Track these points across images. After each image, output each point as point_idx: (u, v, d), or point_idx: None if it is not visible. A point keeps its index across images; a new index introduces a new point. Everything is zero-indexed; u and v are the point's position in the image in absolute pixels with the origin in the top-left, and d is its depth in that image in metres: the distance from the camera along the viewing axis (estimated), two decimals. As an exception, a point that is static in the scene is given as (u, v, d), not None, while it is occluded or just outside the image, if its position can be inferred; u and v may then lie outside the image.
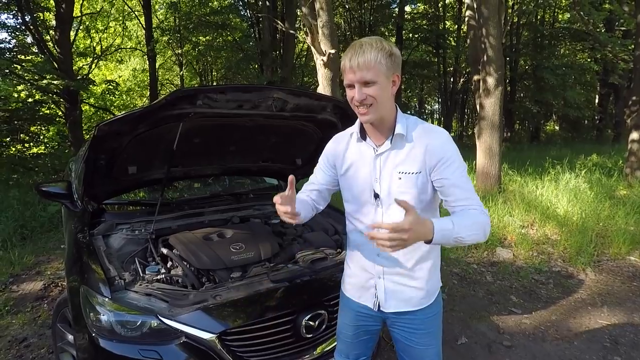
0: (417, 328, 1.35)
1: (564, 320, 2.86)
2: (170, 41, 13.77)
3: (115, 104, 14.26)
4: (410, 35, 18.31)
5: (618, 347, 2.52)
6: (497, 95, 5.91)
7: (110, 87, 10.66)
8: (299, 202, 1.35)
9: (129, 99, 15.91)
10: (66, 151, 8.75)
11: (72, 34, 9.86)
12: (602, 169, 6.98)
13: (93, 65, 11.25)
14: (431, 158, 1.21)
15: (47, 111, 9.65)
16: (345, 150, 1.38)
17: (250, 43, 13.82)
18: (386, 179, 1.26)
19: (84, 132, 10.12)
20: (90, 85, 9.51)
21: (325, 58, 5.49)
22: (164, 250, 1.99)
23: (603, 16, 10.42)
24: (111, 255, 1.86)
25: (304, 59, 16.52)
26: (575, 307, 3.06)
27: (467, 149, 9.62)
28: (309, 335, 1.68)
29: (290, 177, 1.22)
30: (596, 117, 20.33)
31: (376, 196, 1.27)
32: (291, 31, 7.85)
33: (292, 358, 1.65)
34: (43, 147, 9.65)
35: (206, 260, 1.88)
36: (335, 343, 1.71)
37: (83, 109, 10.98)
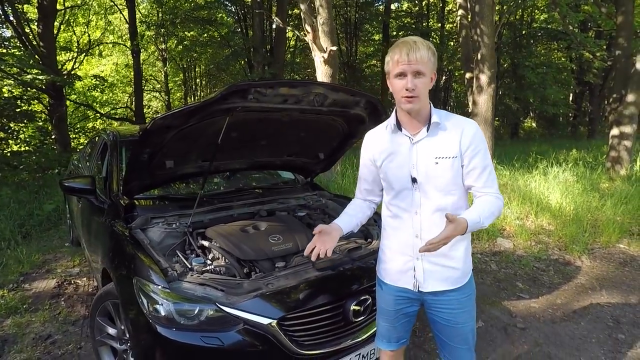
0: (455, 308, 1.43)
1: (569, 303, 3.06)
2: (155, 36, 13.48)
3: (97, 100, 13.86)
4: (395, 33, 18.57)
5: (620, 326, 2.72)
6: (490, 92, 6.14)
7: (96, 82, 10.36)
8: (347, 217, 1.58)
9: (111, 94, 15.48)
10: (53, 147, 8.48)
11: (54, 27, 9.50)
12: (585, 164, 7.35)
13: (78, 61, 10.87)
14: (465, 143, 1.34)
15: (26, 107, 9.30)
16: (381, 143, 1.48)
17: (236, 38, 13.69)
18: (423, 164, 1.36)
19: (68, 129, 9.83)
20: (76, 81, 9.22)
21: (325, 55, 5.55)
22: (205, 243, 2.03)
23: (581, 18, 10.90)
24: (154, 248, 1.88)
25: (290, 55, 16.52)
26: (576, 291, 3.26)
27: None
28: (357, 320, 1.77)
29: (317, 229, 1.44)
30: (570, 114, 21.22)
31: (414, 180, 1.37)
32: (287, 27, 7.85)
33: (341, 341, 1.72)
34: (25, 145, 9.31)
35: (249, 252, 1.94)
36: (378, 326, 1.82)
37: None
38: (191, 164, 2.24)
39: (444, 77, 21.39)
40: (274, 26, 14.16)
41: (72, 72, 9.80)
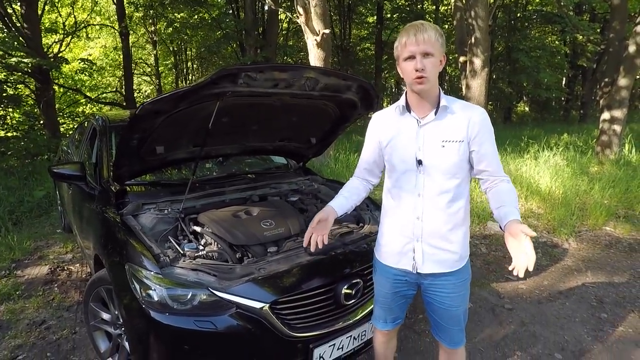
0: (451, 292, 1.47)
1: (555, 284, 3.14)
2: (144, 18, 13.11)
3: (86, 84, 13.55)
4: (389, 15, 18.29)
5: (604, 306, 2.81)
6: (484, 77, 6.12)
7: (84, 66, 10.11)
8: (342, 199, 1.62)
9: (100, 78, 15.13)
10: (41, 133, 8.33)
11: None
12: (576, 148, 7.42)
13: (65, 43, 10.55)
14: (473, 128, 1.36)
15: (12, 91, 9.07)
16: (388, 124, 1.50)
17: (227, 20, 13.37)
18: (429, 147, 1.38)
19: (57, 114, 9.63)
20: (64, 64, 8.98)
21: (318, 38, 5.47)
22: (197, 228, 2.03)
23: (576, 0, 10.83)
24: (146, 234, 1.88)
25: (282, 38, 16.21)
26: (563, 272, 3.35)
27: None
28: (348, 303, 1.80)
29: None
30: (563, 98, 21.28)
31: (419, 162, 1.39)
32: (280, 9, 7.68)
33: (333, 323, 1.76)
34: (12, 131, 9.12)
35: (241, 237, 1.95)
36: (370, 308, 1.86)
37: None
38: (182, 149, 2.22)
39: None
40: (265, 8, 13.85)
41: (59, 55, 9.53)
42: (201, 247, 1.90)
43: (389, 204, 1.54)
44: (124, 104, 12.99)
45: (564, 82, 21.09)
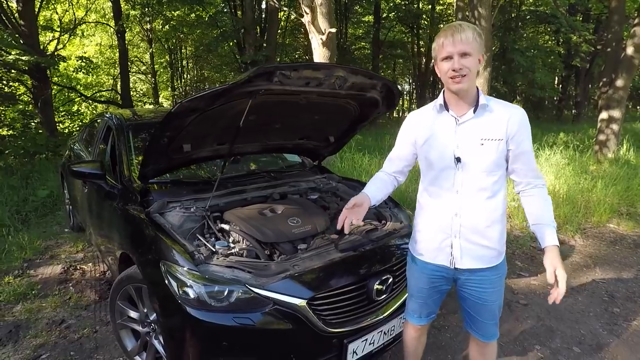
0: (488, 287, 1.49)
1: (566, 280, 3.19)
2: (140, 16, 12.99)
3: (81, 83, 13.38)
4: (386, 14, 18.35)
5: (615, 300, 2.88)
6: (486, 77, 6.19)
7: (82, 64, 9.98)
8: (375, 188, 1.61)
9: (95, 76, 14.96)
10: (40, 132, 8.21)
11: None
12: (575, 147, 7.54)
13: (62, 41, 10.41)
14: (513, 127, 1.38)
15: (7, 89, 8.92)
16: (425, 123, 1.52)
17: (225, 19, 13.30)
18: (468, 145, 1.40)
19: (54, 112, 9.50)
20: (61, 62, 8.87)
21: (324, 37, 5.47)
22: (225, 226, 2.04)
23: (572, 1, 10.97)
24: (176, 232, 1.88)
25: (279, 37, 16.17)
26: (572, 268, 3.41)
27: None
28: (379, 298, 1.82)
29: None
30: (556, 98, 21.52)
31: (458, 160, 1.41)
32: (283, 7, 7.66)
33: (365, 319, 1.78)
34: (7, 129, 8.97)
35: (271, 235, 1.95)
36: (398, 304, 1.89)
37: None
38: (207, 147, 2.22)
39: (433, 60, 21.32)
40: (263, 6, 13.82)
41: (56, 53, 9.41)
42: (232, 245, 1.91)
43: (425, 202, 1.55)
44: (120, 102, 12.86)
45: (556, 82, 21.35)
